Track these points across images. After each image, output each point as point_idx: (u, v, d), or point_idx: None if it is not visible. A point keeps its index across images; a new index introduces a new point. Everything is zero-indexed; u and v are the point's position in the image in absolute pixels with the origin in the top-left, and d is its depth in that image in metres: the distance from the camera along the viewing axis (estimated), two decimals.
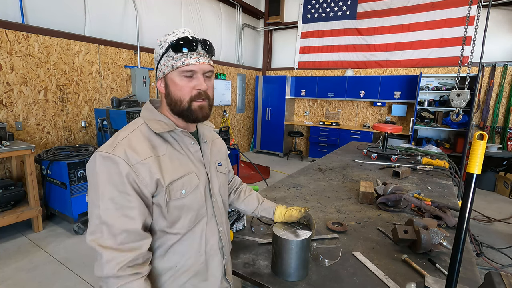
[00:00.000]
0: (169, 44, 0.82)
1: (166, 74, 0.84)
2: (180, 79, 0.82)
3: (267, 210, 1.17)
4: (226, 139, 4.29)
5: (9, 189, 3.00)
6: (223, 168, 1.03)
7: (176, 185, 0.83)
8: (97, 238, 0.74)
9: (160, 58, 0.84)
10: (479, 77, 4.74)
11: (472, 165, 0.64)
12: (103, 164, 0.76)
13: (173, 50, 0.81)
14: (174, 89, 0.83)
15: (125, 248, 0.74)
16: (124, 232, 0.74)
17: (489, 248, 3.11)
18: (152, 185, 0.79)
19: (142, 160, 0.78)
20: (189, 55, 0.81)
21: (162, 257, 0.84)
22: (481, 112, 5.45)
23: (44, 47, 3.52)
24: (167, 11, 5.15)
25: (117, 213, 0.75)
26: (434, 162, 2.65)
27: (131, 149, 0.78)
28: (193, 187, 0.87)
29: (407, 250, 1.24)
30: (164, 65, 0.83)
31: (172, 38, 0.82)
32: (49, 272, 2.50)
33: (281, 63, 7.89)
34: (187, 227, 0.86)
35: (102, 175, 0.76)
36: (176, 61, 0.81)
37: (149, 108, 0.89)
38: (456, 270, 0.68)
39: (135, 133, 0.83)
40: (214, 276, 0.92)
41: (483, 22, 3.87)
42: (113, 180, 0.75)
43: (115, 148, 0.77)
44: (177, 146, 0.88)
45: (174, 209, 0.83)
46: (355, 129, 6.32)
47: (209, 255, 0.91)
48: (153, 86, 5.01)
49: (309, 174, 2.35)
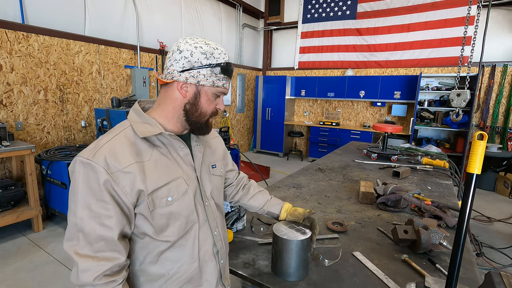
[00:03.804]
0: (220, 64, 0.83)
1: (202, 85, 0.84)
2: (212, 96, 0.86)
3: (275, 206, 1.19)
4: (226, 139, 4.29)
5: (9, 189, 3.00)
6: (217, 170, 1.00)
7: (161, 193, 0.80)
8: (73, 245, 0.73)
9: (200, 66, 0.82)
10: (479, 77, 4.74)
11: (472, 165, 0.64)
12: (82, 170, 0.74)
13: (222, 71, 0.84)
14: (205, 102, 0.86)
15: (102, 257, 0.73)
16: (101, 240, 0.73)
17: (489, 248, 3.11)
18: (133, 195, 0.77)
19: (123, 168, 0.75)
20: (227, 80, 0.87)
21: (153, 264, 0.83)
22: (481, 112, 5.45)
23: (44, 47, 3.52)
24: (167, 11, 5.15)
25: (94, 222, 0.73)
26: (434, 162, 2.65)
27: (111, 156, 0.75)
28: (181, 193, 0.84)
29: (407, 250, 1.24)
30: (204, 76, 0.82)
31: (219, 56, 0.83)
32: (49, 272, 2.50)
33: (281, 63, 7.89)
34: (177, 234, 0.84)
35: (81, 181, 0.74)
36: (218, 80, 0.85)
37: (137, 110, 0.85)
38: (456, 270, 0.68)
39: (119, 137, 0.80)
40: (208, 282, 0.91)
41: (483, 22, 3.87)
42: (91, 187, 0.73)
43: (95, 155, 0.75)
44: (165, 151, 0.85)
45: (160, 217, 0.81)
46: (355, 129, 6.32)
47: (202, 261, 0.89)
48: (153, 86, 5.01)
49: (309, 174, 2.35)
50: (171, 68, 0.82)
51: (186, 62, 0.81)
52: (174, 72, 0.82)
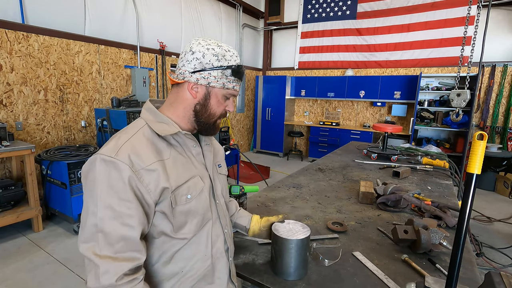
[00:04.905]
0: (232, 66, 0.83)
1: (212, 87, 0.85)
2: (222, 98, 0.87)
3: (243, 218, 1.16)
4: (226, 139, 4.29)
5: (9, 189, 3.00)
6: (223, 170, 1.03)
7: (182, 190, 0.81)
8: (92, 246, 0.70)
9: (211, 68, 0.82)
10: (479, 77, 4.74)
11: (472, 165, 0.64)
12: (105, 168, 0.72)
13: (233, 73, 0.84)
14: (214, 103, 0.87)
15: (122, 258, 0.71)
16: (122, 240, 0.71)
17: (489, 248, 3.11)
18: (157, 193, 0.77)
19: (146, 166, 0.75)
20: (238, 82, 0.88)
21: (167, 264, 0.83)
22: (481, 112, 5.45)
23: (44, 47, 3.52)
24: (167, 11, 5.15)
25: (116, 222, 0.71)
26: (434, 162, 2.65)
27: (135, 154, 0.75)
28: (198, 191, 0.85)
29: (407, 250, 1.24)
30: (215, 78, 0.83)
31: (230, 59, 0.84)
32: (49, 272, 2.50)
33: (281, 63, 7.89)
34: (194, 231, 0.85)
35: (102, 180, 0.72)
36: (229, 82, 0.85)
37: (151, 109, 0.86)
38: (456, 270, 0.68)
39: (138, 136, 0.79)
40: (220, 279, 0.92)
41: (483, 22, 3.86)
42: (114, 187, 0.71)
43: (118, 152, 0.73)
44: (180, 149, 0.86)
45: (180, 214, 0.81)
46: (355, 129, 6.32)
47: (215, 258, 0.90)
48: (153, 86, 5.01)
49: (309, 174, 2.35)
50: (183, 68, 0.83)
51: (198, 63, 0.82)
52: (185, 72, 0.83)
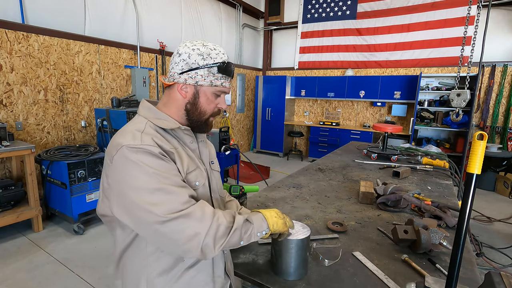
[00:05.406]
0: (217, 64, 0.86)
1: (200, 85, 0.87)
2: (211, 95, 0.90)
3: None
4: (226, 139, 4.29)
5: (9, 189, 3.00)
6: (216, 166, 1.06)
7: (191, 177, 0.86)
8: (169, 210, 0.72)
9: (197, 67, 0.85)
10: (479, 77, 4.74)
11: (472, 165, 0.64)
12: (134, 158, 0.75)
13: (219, 70, 0.86)
14: (204, 101, 0.90)
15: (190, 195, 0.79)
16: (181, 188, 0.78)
17: (489, 248, 3.11)
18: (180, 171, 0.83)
19: (169, 148, 0.82)
20: (226, 79, 0.90)
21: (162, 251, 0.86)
22: (481, 112, 5.45)
23: (44, 47, 3.52)
24: (167, 11, 5.15)
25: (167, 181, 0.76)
26: (434, 162, 2.65)
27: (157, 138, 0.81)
28: (203, 181, 0.90)
29: (407, 250, 1.24)
30: (202, 77, 0.86)
31: (216, 56, 0.86)
32: (49, 272, 2.50)
33: (281, 63, 7.89)
34: None
35: (137, 169, 0.74)
36: (216, 80, 0.88)
37: (150, 108, 0.90)
38: (456, 270, 0.68)
39: (147, 129, 0.84)
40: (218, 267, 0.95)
41: (483, 22, 3.86)
42: (153, 166, 0.75)
43: (142, 139, 0.78)
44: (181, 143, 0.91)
45: None
46: (355, 129, 6.32)
47: None
48: (153, 86, 5.01)
49: (309, 174, 2.35)
50: (172, 71, 0.88)
51: (185, 64, 0.86)
52: (175, 74, 0.87)
